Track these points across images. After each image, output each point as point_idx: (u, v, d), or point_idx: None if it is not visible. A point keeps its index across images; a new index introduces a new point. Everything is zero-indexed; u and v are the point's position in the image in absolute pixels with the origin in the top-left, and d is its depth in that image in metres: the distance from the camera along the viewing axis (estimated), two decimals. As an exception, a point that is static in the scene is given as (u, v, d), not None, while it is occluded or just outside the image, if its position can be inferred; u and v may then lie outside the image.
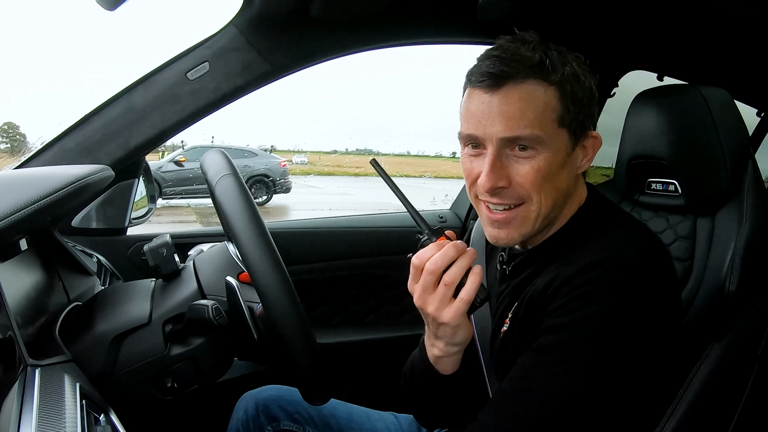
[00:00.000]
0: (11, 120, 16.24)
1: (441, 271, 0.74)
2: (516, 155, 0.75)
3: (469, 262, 0.74)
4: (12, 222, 0.70)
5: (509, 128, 0.73)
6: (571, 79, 0.75)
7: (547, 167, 0.74)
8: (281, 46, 1.32)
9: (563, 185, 0.78)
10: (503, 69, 0.73)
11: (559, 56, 0.76)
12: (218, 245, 1.10)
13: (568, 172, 0.78)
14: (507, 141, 0.74)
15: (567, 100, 0.74)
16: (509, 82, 0.73)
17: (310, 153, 22.24)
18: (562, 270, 0.74)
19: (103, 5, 1.04)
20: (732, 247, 0.92)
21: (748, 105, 1.58)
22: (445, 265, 0.74)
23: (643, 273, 0.72)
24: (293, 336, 0.76)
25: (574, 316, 0.71)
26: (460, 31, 1.43)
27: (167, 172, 10.00)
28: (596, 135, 0.80)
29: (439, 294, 0.74)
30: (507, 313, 0.84)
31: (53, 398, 0.65)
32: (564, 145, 0.76)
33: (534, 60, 0.73)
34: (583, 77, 0.77)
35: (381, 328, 1.67)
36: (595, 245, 0.75)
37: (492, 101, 0.74)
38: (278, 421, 1.07)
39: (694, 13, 1.21)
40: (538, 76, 0.73)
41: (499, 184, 0.75)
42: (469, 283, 0.74)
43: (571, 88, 0.75)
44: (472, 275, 0.74)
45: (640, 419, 0.83)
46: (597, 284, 0.70)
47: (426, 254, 0.75)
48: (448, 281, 0.73)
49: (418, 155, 30.72)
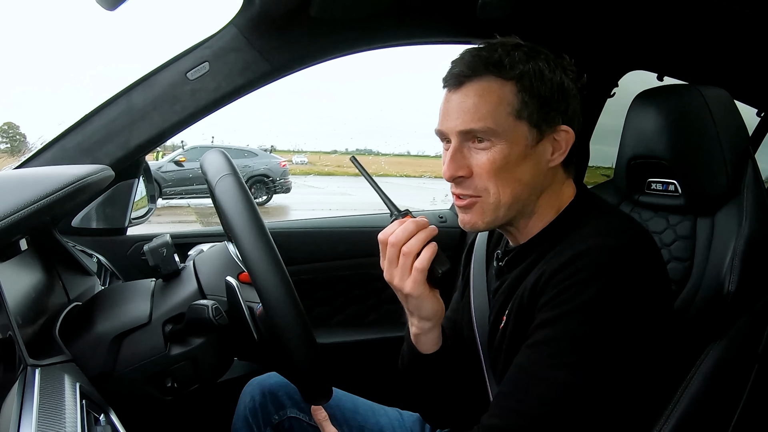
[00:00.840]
0: (11, 120, 16.25)
1: (401, 244, 0.79)
2: (475, 147, 0.80)
3: (427, 235, 0.79)
4: (12, 222, 0.70)
5: (464, 122, 0.79)
6: (532, 75, 0.78)
7: (503, 159, 0.79)
8: (281, 46, 1.32)
9: (526, 177, 0.81)
10: (462, 69, 0.80)
11: (526, 55, 0.80)
12: (218, 245, 1.09)
13: (532, 165, 0.81)
14: (464, 133, 0.80)
15: (527, 95, 0.78)
16: (468, 81, 0.79)
17: (310, 153, 22.27)
18: (549, 264, 0.76)
19: (103, 5, 1.04)
20: (732, 247, 0.92)
21: (748, 105, 1.58)
22: (405, 238, 0.79)
23: (627, 259, 0.74)
24: (293, 336, 0.76)
25: (564, 308, 0.72)
26: (460, 31, 1.43)
27: (167, 172, 10.00)
28: (566, 129, 0.82)
29: (400, 265, 0.80)
30: (504, 311, 0.85)
31: (53, 398, 0.65)
32: (523, 137, 0.79)
33: (492, 59, 0.79)
34: (550, 74, 0.80)
35: (381, 328, 1.67)
36: (578, 237, 0.77)
37: (453, 99, 0.81)
38: (285, 408, 1.07)
39: (694, 13, 1.21)
40: (494, 73, 0.79)
41: (459, 173, 0.81)
42: (422, 254, 0.79)
43: (533, 84, 0.78)
44: (427, 248, 0.79)
45: (639, 414, 0.84)
46: (583, 274, 0.72)
47: (389, 230, 0.81)
48: (405, 251, 0.79)
49: (418, 155, 30.76)
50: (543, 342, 0.74)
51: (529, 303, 0.78)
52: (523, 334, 0.78)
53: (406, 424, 1.13)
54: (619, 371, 0.74)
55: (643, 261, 0.76)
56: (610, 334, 0.72)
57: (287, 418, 1.07)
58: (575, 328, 0.72)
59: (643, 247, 0.77)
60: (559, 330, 0.73)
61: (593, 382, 0.73)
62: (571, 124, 0.82)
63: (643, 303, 0.74)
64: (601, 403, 0.74)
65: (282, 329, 0.76)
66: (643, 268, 0.75)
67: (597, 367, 0.72)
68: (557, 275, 0.74)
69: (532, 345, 0.76)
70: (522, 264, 0.85)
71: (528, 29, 1.40)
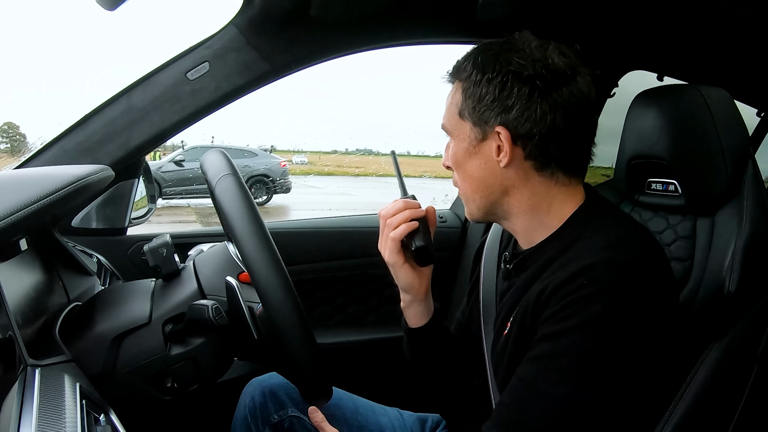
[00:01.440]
0: (11, 120, 16.24)
1: (388, 216, 0.89)
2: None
3: (411, 214, 0.88)
4: (12, 222, 0.70)
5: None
6: (476, 78, 0.81)
7: (455, 155, 0.85)
8: (281, 46, 1.32)
9: (476, 173, 0.84)
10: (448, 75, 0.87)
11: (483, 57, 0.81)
12: (218, 245, 1.09)
13: (481, 163, 0.83)
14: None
15: (467, 96, 0.82)
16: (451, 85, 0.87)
17: (310, 153, 22.20)
18: (555, 276, 0.75)
19: (103, 5, 1.04)
20: (732, 247, 0.92)
21: (748, 105, 1.58)
22: (392, 213, 0.89)
23: (637, 275, 0.72)
24: (293, 336, 0.76)
25: (569, 322, 0.71)
26: (460, 31, 1.43)
27: (167, 172, 10.00)
28: (500, 129, 0.79)
29: (384, 235, 0.90)
30: (509, 317, 0.85)
31: (53, 398, 0.65)
32: (467, 135, 0.83)
33: (457, 64, 0.85)
34: (492, 75, 0.79)
35: (381, 328, 1.66)
36: (587, 248, 0.75)
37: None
38: (285, 408, 1.07)
39: (694, 13, 1.21)
40: (455, 77, 0.85)
41: (445, 163, 0.89)
42: (399, 228, 0.88)
43: (473, 87, 0.81)
44: (407, 224, 0.88)
45: (639, 416, 0.84)
46: (591, 289, 0.71)
47: (386, 206, 0.91)
48: (388, 223, 0.89)
49: (418, 155, 30.69)
50: (545, 356, 0.73)
51: (533, 314, 0.77)
52: (526, 345, 0.77)
53: (406, 424, 1.13)
54: (621, 388, 0.73)
55: (652, 277, 0.74)
56: (613, 351, 0.71)
57: (287, 417, 1.07)
58: (579, 345, 0.71)
59: (652, 263, 0.75)
60: (562, 345, 0.72)
61: (595, 398, 0.72)
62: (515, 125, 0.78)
63: (650, 320, 0.72)
64: (603, 418, 0.73)
65: (282, 329, 0.76)
66: (651, 285, 0.73)
67: (599, 384, 0.71)
68: (562, 288, 0.73)
69: (534, 358, 0.75)
70: (528, 269, 0.84)
71: (528, 29, 1.40)
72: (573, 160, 0.83)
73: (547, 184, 0.82)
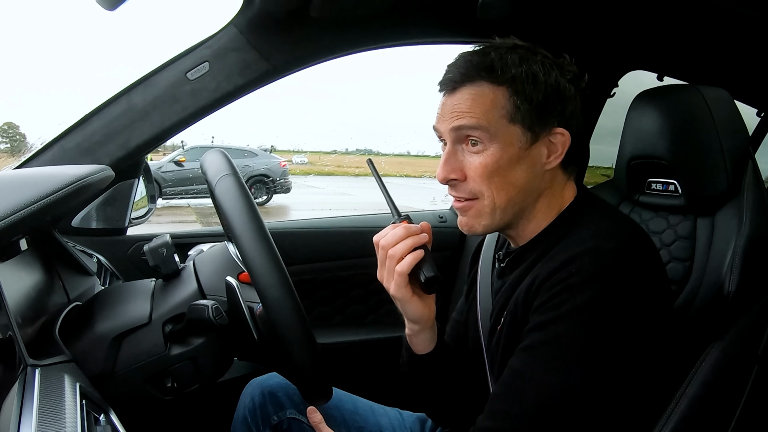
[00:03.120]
0: (11, 120, 16.26)
1: (389, 247, 0.81)
2: (469, 150, 0.81)
3: (414, 242, 0.81)
4: (12, 222, 0.70)
5: (458, 119, 0.80)
6: (524, 78, 0.79)
7: (495, 162, 0.79)
8: (281, 46, 1.32)
9: (520, 180, 0.81)
10: (455, 74, 0.81)
11: (520, 58, 0.80)
12: (218, 245, 1.09)
13: (527, 168, 0.81)
14: (457, 132, 0.80)
15: (519, 99, 0.78)
16: (461, 86, 0.80)
17: (310, 153, 22.24)
18: (544, 267, 0.77)
19: (103, 5, 1.04)
20: (732, 247, 0.92)
21: (748, 105, 1.58)
22: (393, 242, 0.81)
23: (624, 263, 0.73)
24: (293, 336, 0.76)
25: (559, 311, 0.72)
26: (460, 31, 1.43)
27: (167, 172, 10.00)
28: (562, 131, 0.81)
29: (387, 267, 0.82)
30: (503, 312, 0.86)
31: (53, 398, 0.65)
32: (516, 140, 0.79)
33: (484, 63, 0.79)
34: (545, 77, 0.79)
35: (381, 328, 1.67)
36: (575, 239, 0.77)
37: (449, 102, 0.82)
38: (284, 409, 1.07)
39: (694, 13, 1.21)
40: (486, 78, 0.79)
41: (451, 176, 0.81)
42: (405, 259, 0.81)
43: (523, 87, 0.78)
44: (412, 254, 0.81)
45: (638, 415, 0.84)
46: (579, 277, 0.72)
47: (382, 233, 0.84)
48: (390, 254, 0.81)
49: (418, 155, 30.72)
50: (536, 345, 0.74)
51: (524, 305, 0.79)
52: (518, 336, 0.78)
53: (406, 424, 1.13)
54: (612, 375, 0.73)
55: (639, 265, 0.75)
56: (602, 338, 0.72)
57: (286, 419, 1.07)
58: (568, 332, 0.72)
59: (639, 251, 0.76)
60: (552, 334, 0.73)
61: (586, 385, 0.72)
62: (568, 125, 0.81)
63: (638, 307, 0.73)
64: (595, 406, 0.74)
65: (282, 329, 0.76)
66: (638, 272, 0.74)
67: (589, 371, 0.72)
68: (551, 278, 0.74)
69: (525, 348, 0.76)
70: (522, 265, 0.85)
71: (528, 29, 1.40)
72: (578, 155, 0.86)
73: (563, 181, 0.85)
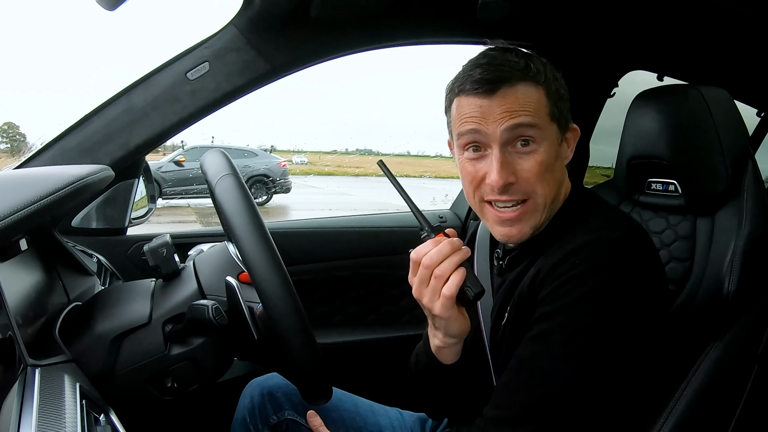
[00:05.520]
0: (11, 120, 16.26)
1: (434, 266, 0.78)
2: (518, 151, 0.79)
3: (460, 259, 0.79)
4: (12, 222, 0.70)
5: (513, 118, 0.77)
6: (552, 79, 0.82)
7: (547, 159, 0.80)
8: (281, 46, 1.32)
9: (559, 175, 0.84)
10: (497, 74, 0.78)
11: (539, 60, 0.82)
12: (218, 245, 1.10)
13: (561, 163, 0.84)
14: (512, 131, 0.78)
15: (554, 98, 0.81)
16: (504, 86, 0.78)
17: (310, 153, 22.21)
18: (548, 259, 0.78)
19: (103, 5, 1.04)
20: (732, 247, 0.92)
21: (748, 105, 1.58)
22: (439, 260, 0.78)
23: (626, 253, 0.75)
24: (293, 336, 0.76)
25: (564, 301, 0.74)
26: (460, 31, 1.43)
27: (167, 172, 10.00)
28: (575, 127, 0.87)
29: (431, 287, 0.79)
30: (506, 307, 0.86)
31: (53, 398, 0.65)
32: (556, 137, 0.82)
33: (521, 65, 0.79)
34: (559, 77, 0.84)
35: (381, 328, 1.66)
36: (578, 231, 0.78)
37: (491, 103, 0.78)
38: (283, 410, 1.08)
39: (694, 13, 1.21)
40: (527, 78, 0.79)
41: (510, 180, 0.79)
42: (451, 279, 0.78)
43: (555, 87, 0.82)
44: (456, 273, 0.78)
45: (638, 414, 0.85)
46: (582, 268, 0.73)
47: (423, 250, 0.80)
48: (438, 275, 0.78)
49: (418, 155, 30.71)
50: (543, 334, 0.75)
51: (529, 297, 0.80)
52: (524, 328, 0.79)
53: (406, 424, 1.13)
54: (617, 363, 0.75)
55: (640, 255, 0.77)
56: (608, 326, 0.73)
57: (285, 419, 1.07)
58: (574, 321, 0.73)
59: (639, 242, 0.78)
60: (559, 323, 0.74)
61: (592, 373, 0.74)
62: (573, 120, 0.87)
63: (640, 296, 0.75)
64: (600, 394, 0.75)
65: (282, 329, 0.76)
66: (640, 262, 0.76)
67: (595, 358, 0.74)
68: (556, 269, 0.76)
69: (532, 338, 0.77)
70: (523, 262, 0.86)
71: (528, 29, 1.40)
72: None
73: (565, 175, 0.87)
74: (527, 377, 0.76)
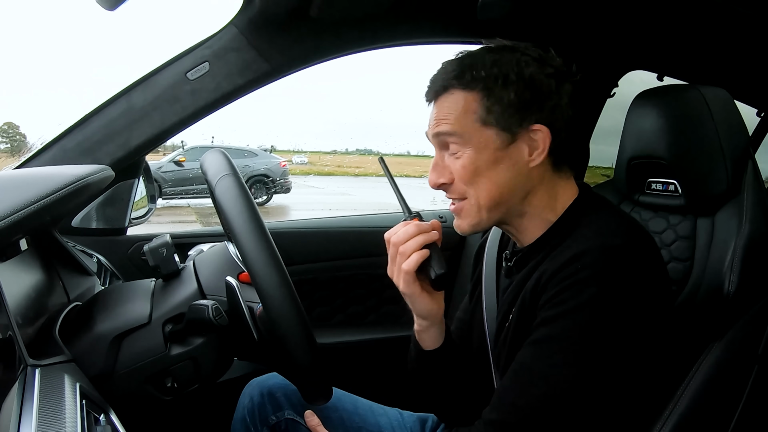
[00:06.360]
0: (11, 120, 16.27)
1: (400, 244, 0.83)
2: (449, 154, 0.84)
3: (424, 239, 0.83)
4: (12, 222, 0.70)
5: (436, 126, 0.83)
6: (495, 80, 0.80)
7: (472, 164, 0.81)
8: (281, 46, 1.32)
9: (502, 179, 0.82)
10: (434, 83, 0.84)
11: (492, 61, 0.81)
12: (218, 245, 1.09)
13: (508, 167, 0.82)
14: (437, 138, 0.84)
15: (489, 101, 0.80)
16: (442, 94, 0.83)
17: (310, 153, 22.21)
18: (551, 263, 0.78)
19: (103, 5, 1.04)
20: (732, 247, 0.92)
21: (748, 105, 1.58)
22: (404, 239, 0.83)
23: (629, 260, 0.75)
24: (293, 336, 0.76)
25: (565, 306, 0.74)
26: (460, 31, 1.43)
27: (167, 172, 10.01)
28: (540, 128, 0.81)
29: (396, 264, 0.84)
30: (511, 310, 0.86)
31: (53, 398, 0.65)
32: (490, 142, 0.81)
33: (456, 71, 0.82)
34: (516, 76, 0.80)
35: (381, 328, 1.66)
36: (580, 236, 0.78)
37: (432, 111, 0.86)
38: (282, 410, 1.08)
39: (694, 13, 1.21)
40: (458, 85, 0.82)
41: (440, 180, 0.85)
42: (411, 256, 0.82)
43: (493, 90, 0.80)
44: (418, 252, 0.83)
45: (639, 414, 0.85)
46: (585, 273, 0.73)
47: (393, 230, 0.86)
48: (401, 251, 0.83)
49: (418, 155, 30.70)
50: (544, 340, 0.76)
51: (531, 301, 0.80)
52: (526, 332, 0.79)
53: (406, 424, 1.13)
54: (617, 369, 0.75)
55: (644, 261, 0.76)
56: (609, 332, 0.73)
57: (284, 419, 1.07)
58: (575, 327, 0.73)
59: (643, 248, 0.78)
60: (560, 328, 0.74)
61: (592, 379, 0.74)
62: (549, 121, 0.81)
63: (643, 303, 0.75)
64: (600, 400, 0.75)
65: (282, 329, 0.76)
66: (643, 268, 0.76)
67: (596, 365, 0.74)
68: (558, 274, 0.75)
69: (533, 342, 0.77)
70: (529, 264, 0.86)
71: (528, 29, 1.40)
72: (574, 152, 0.87)
73: (557, 180, 0.86)
74: (525, 382, 0.76)
